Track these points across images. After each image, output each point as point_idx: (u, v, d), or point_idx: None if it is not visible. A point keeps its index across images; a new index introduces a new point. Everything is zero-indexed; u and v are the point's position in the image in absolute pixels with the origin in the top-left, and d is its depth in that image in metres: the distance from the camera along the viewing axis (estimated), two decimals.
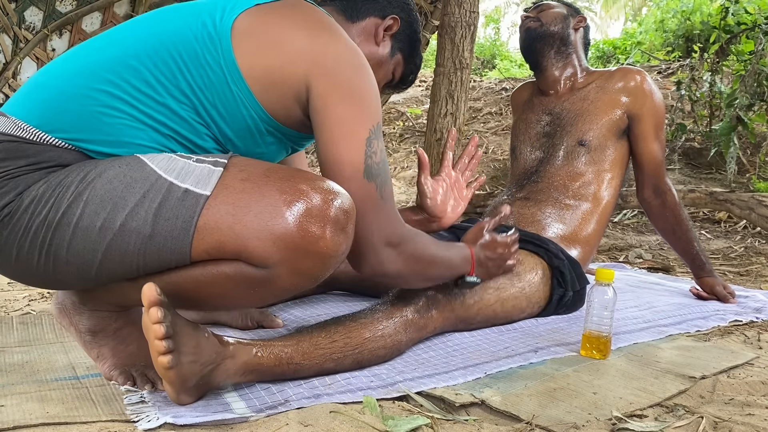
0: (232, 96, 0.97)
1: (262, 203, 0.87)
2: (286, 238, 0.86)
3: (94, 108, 0.92)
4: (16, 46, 2.61)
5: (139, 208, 0.87)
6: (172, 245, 0.88)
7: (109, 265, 0.90)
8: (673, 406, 1.02)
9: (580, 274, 1.54)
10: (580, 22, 1.87)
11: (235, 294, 0.93)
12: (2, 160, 0.90)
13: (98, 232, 0.88)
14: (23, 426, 0.84)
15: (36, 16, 2.64)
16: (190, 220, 0.87)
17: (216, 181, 0.89)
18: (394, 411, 0.94)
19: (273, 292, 0.94)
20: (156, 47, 0.94)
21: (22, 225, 0.89)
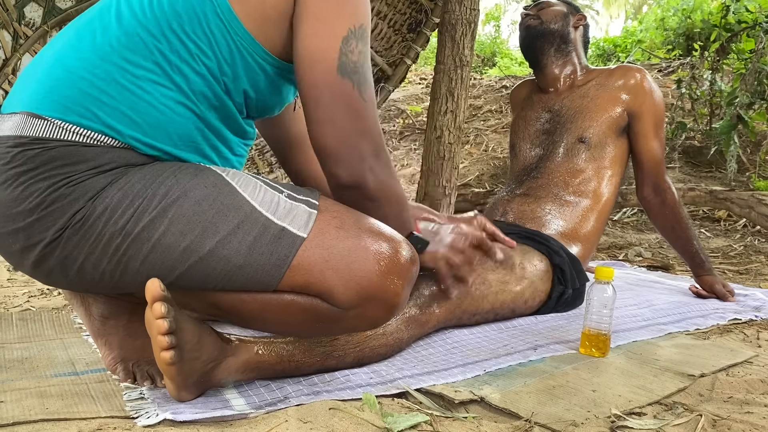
0: (234, 44, 0.95)
1: (354, 254, 0.90)
2: (371, 289, 0.90)
3: (124, 97, 0.89)
4: (15, 42, 2.60)
5: (232, 238, 0.88)
6: (260, 277, 0.89)
7: (184, 283, 0.90)
8: (672, 404, 1.03)
9: (579, 271, 1.55)
10: (580, 20, 1.87)
11: (297, 323, 0.95)
12: (63, 166, 0.87)
13: (182, 251, 0.87)
14: (22, 422, 0.84)
15: (36, 12, 2.64)
16: (285, 258, 0.88)
17: (312, 224, 0.91)
18: (394, 408, 0.94)
19: (332, 329, 0.98)
20: (158, 16, 0.92)
21: (95, 232, 0.87)
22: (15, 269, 0.96)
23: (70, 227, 0.87)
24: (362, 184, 0.96)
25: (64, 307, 1.51)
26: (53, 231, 0.87)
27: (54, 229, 0.87)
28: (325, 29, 0.93)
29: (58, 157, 0.87)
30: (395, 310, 0.95)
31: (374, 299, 0.91)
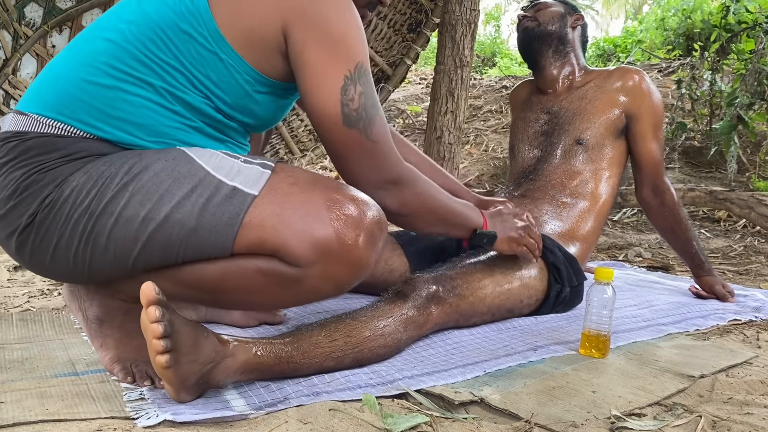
0: (222, 64, 0.99)
1: (307, 207, 0.92)
2: (325, 241, 0.91)
3: (102, 95, 0.95)
4: (16, 43, 2.60)
5: (185, 201, 0.91)
6: (215, 239, 0.91)
7: (148, 255, 0.93)
8: (671, 405, 1.03)
9: (577, 270, 1.54)
10: (578, 20, 1.87)
11: (261, 290, 0.95)
12: (38, 155, 0.93)
13: (141, 221, 0.91)
14: (23, 423, 0.84)
15: (36, 13, 2.64)
16: (237, 216, 0.91)
17: (264, 182, 0.94)
18: (394, 409, 0.94)
19: (298, 294, 0.96)
20: (141, 28, 0.96)
21: (63, 214, 0.92)
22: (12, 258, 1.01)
23: (41, 212, 0.93)
24: (385, 207, 1.03)
25: (64, 307, 1.51)
26: (26, 216, 0.93)
27: (27, 215, 0.93)
28: (323, 84, 0.98)
29: (33, 147, 0.94)
30: (358, 269, 0.94)
31: (332, 254, 0.91)
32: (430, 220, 1.16)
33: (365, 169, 1.03)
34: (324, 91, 0.98)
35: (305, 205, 0.92)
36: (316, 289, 0.95)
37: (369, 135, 1.01)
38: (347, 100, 0.99)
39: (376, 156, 1.03)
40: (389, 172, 1.05)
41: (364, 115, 1.01)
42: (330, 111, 0.98)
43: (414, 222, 1.15)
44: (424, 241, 1.65)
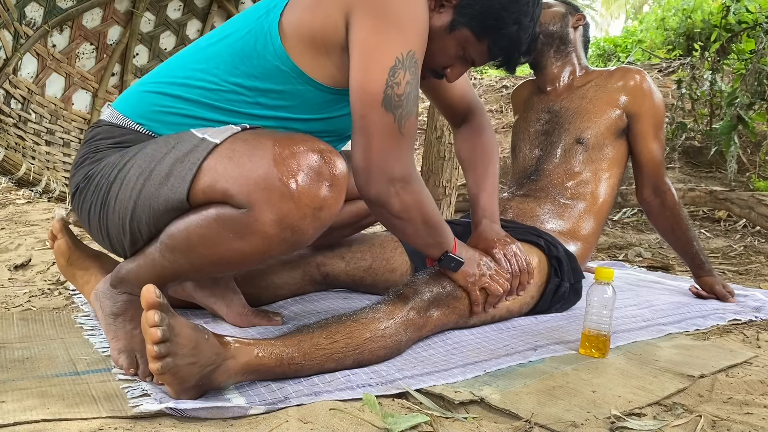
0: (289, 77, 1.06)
1: (256, 150, 0.94)
2: (266, 178, 0.92)
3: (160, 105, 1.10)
4: (16, 42, 2.60)
5: (167, 156, 1.00)
6: (178, 184, 0.96)
7: (139, 213, 1.00)
8: (671, 404, 1.03)
9: (575, 268, 1.55)
10: (579, 20, 1.87)
11: (220, 240, 0.96)
12: (99, 139, 1.11)
13: (135, 180, 1.01)
14: (24, 422, 0.84)
15: (37, 12, 2.64)
16: (197, 161, 0.96)
17: (229, 134, 0.99)
18: (394, 408, 0.95)
19: (257, 244, 0.95)
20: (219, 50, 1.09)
21: (94, 185, 1.07)
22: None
23: (82, 183, 1.10)
24: (386, 204, 1.06)
25: (65, 307, 1.51)
26: (73, 186, 1.13)
27: (74, 184, 1.12)
28: (373, 61, 0.99)
29: (99, 133, 1.13)
30: (304, 207, 0.92)
31: (274, 191, 0.91)
32: (419, 230, 1.14)
33: (385, 156, 1.02)
34: (372, 67, 0.98)
35: (254, 148, 0.94)
36: (270, 235, 0.94)
37: (401, 126, 1.02)
38: (393, 83, 0.99)
39: (401, 149, 1.03)
40: (404, 169, 1.04)
41: (405, 104, 1.01)
42: (374, 88, 0.98)
43: (405, 228, 1.13)
44: None
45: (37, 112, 2.80)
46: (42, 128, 2.81)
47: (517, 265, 1.34)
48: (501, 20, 1.12)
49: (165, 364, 0.87)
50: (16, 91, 2.65)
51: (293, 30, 1.04)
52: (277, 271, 1.53)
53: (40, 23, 2.69)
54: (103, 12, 2.88)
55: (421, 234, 1.16)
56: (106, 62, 2.96)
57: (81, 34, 2.84)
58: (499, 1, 1.11)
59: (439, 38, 1.12)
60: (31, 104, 2.76)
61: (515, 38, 1.14)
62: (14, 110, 2.69)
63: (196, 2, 3.05)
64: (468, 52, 1.16)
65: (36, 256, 2.01)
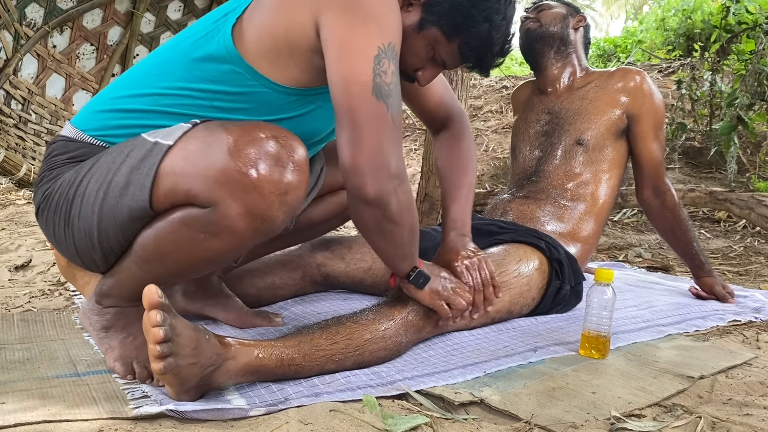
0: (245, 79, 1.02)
1: (211, 146, 0.93)
2: (226, 172, 0.90)
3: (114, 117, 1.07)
4: (17, 43, 2.60)
5: (122, 166, 0.98)
6: (138, 193, 0.95)
7: (103, 225, 0.99)
8: (671, 406, 1.03)
9: (576, 270, 1.55)
10: (580, 21, 1.87)
11: (192, 243, 0.95)
12: (56, 155, 1.08)
13: (95, 194, 0.99)
14: (24, 423, 0.84)
15: (37, 13, 2.64)
16: (153, 166, 0.94)
17: (180, 134, 0.97)
18: (394, 410, 0.95)
19: (229, 240, 0.94)
20: (175, 55, 1.06)
21: (54, 204, 1.05)
22: None
23: (42, 203, 1.08)
24: (386, 202, 0.99)
25: (66, 307, 1.51)
26: (35, 206, 1.11)
27: (36, 204, 1.10)
28: (356, 50, 0.94)
29: (56, 149, 1.10)
30: (269, 194, 0.91)
31: (236, 184, 0.90)
32: (404, 237, 1.07)
33: (381, 148, 0.95)
34: (356, 58, 0.94)
35: (208, 144, 0.93)
36: (241, 228, 0.93)
37: (393, 117, 0.97)
38: (380, 71, 0.95)
39: (396, 141, 0.97)
40: (400, 164, 0.98)
41: (393, 93, 0.97)
42: (361, 78, 0.93)
43: (394, 234, 1.05)
44: (425, 242, 1.65)
45: (37, 112, 2.80)
46: (42, 129, 2.81)
47: (480, 278, 1.24)
48: (471, 18, 1.08)
49: (167, 364, 0.87)
50: (16, 92, 2.66)
51: (254, 33, 1.00)
52: (278, 272, 1.53)
53: (41, 24, 2.69)
54: (104, 13, 2.88)
55: (404, 242, 1.08)
56: (106, 63, 2.96)
57: (81, 34, 2.84)
58: (461, 3, 1.07)
59: (408, 38, 1.08)
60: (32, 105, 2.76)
61: (487, 37, 1.10)
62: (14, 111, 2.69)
63: (196, 3, 3.06)
64: (438, 53, 1.12)
65: (36, 257, 2.01)
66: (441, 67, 1.15)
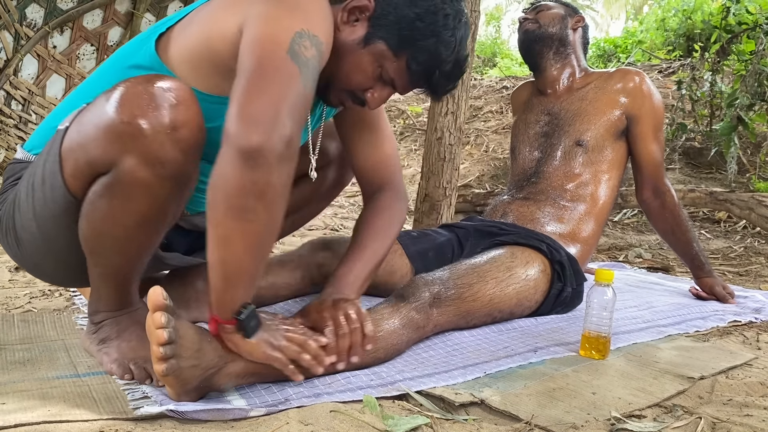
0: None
1: (95, 112, 0.92)
2: (112, 129, 0.89)
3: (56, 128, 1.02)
4: (17, 43, 2.61)
5: (38, 163, 0.99)
6: (54, 181, 0.96)
7: (45, 230, 1.00)
8: (671, 406, 1.03)
9: (577, 271, 1.55)
10: (579, 22, 1.87)
11: (118, 214, 0.94)
12: (6, 180, 1.09)
13: (26, 201, 1.00)
14: (25, 424, 0.84)
15: (37, 13, 2.64)
16: (56, 151, 0.95)
17: (75, 114, 0.97)
18: (394, 410, 0.95)
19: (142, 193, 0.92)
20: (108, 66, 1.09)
21: (4, 226, 1.06)
22: None
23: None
24: (268, 163, 0.83)
25: (66, 308, 1.51)
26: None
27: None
28: (277, 24, 0.90)
29: (7, 172, 1.10)
30: (159, 134, 0.87)
31: (125, 135, 0.88)
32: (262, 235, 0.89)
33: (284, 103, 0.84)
34: (276, 28, 0.89)
35: (92, 112, 0.93)
36: (145, 178, 0.90)
37: (304, 84, 0.88)
38: (300, 42, 0.89)
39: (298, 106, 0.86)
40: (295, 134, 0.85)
41: (309, 67, 0.89)
42: (278, 39, 0.88)
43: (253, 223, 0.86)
44: (425, 243, 1.65)
45: (37, 113, 2.80)
46: None
47: (347, 325, 1.06)
48: (416, 30, 1.03)
49: (170, 365, 0.87)
50: (16, 92, 2.66)
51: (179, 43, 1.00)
52: (278, 272, 1.53)
53: (41, 24, 2.69)
54: (104, 13, 2.88)
55: (258, 245, 0.89)
56: None
57: (81, 35, 2.84)
58: (413, 11, 1.03)
59: (353, 54, 1.05)
60: (32, 105, 2.76)
61: (434, 52, 1.05)
62: (15, 111, 2.69)
63: None
64: (386, 71, 1.07)
65: None
66: (390, 87, 1.10)
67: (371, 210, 1.29)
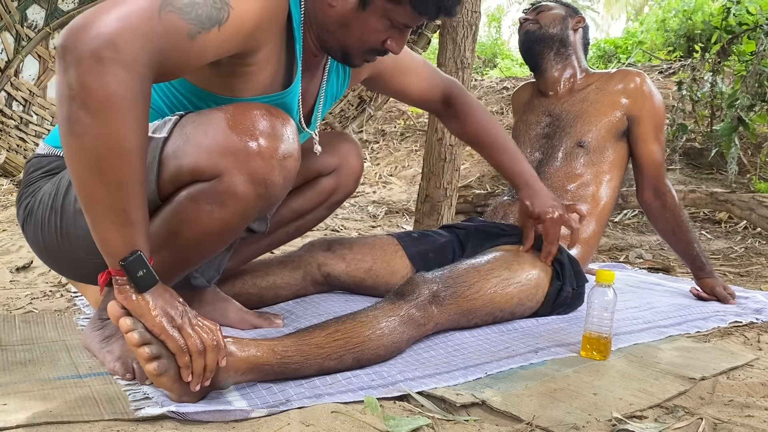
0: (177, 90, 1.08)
1: (209, 125, 0.96)
2: (228, 143, 0.94)
3: None
4: (18, 44, 2.61)
5: None
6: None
7: None
8: (672, 407, 1.03)
9: (578, 271, 1.55)
10: (579, 22, 1.87)
11: (201, 217, 0.98)
12: (32, 172, 1.13)
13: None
14: (26, 425, 0.84)
15: (38, 14, 2.64)
16: (154, 159, 0.97)
17: (171, 125, 1.00)
18: (395, 411, 0.95)
19: (236, 205, 0.98)
20: None
21: (39, 219, 1.07)
22: None
23: (25, 219, 1.11)
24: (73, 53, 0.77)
25: (67, 309, 1.51)
26: (19, 222, 1.14)
27: (19, 221, 1.14)
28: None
29: (31, 166, 1.14)
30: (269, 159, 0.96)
31: (238, 152, 0.94)
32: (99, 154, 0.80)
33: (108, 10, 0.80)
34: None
35: (206, 125, 0.97)
36: (246, 194, 0.97)
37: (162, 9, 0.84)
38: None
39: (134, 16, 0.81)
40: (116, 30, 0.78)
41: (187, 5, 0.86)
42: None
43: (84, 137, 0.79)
44: (426, 244, 1.65)
45: (38, 114, 2.80)
46: (44, 130, 2.81)
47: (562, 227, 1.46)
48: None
49: (159, 364, 0.87)
50: (17, 93, 2.66)
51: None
52: (279, 272, 1.53)
53: (42, 25, 2.69)
54: None
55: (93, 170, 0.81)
56: None
57: None
58: None
59: (356, 20, 1.06)
60: (33, 106, 2.76)
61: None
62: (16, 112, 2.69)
63: None
64: (395, 19, 1.07)
65: (37, 259, 2.01)
66: (405, 30, 1.11)
67: (459, 116, 1.51)
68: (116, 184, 0.82)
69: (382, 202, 4.11)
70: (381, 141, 5.70)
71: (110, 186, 0.82)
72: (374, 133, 5.84)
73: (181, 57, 0.88)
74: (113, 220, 0.84)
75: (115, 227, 0.85)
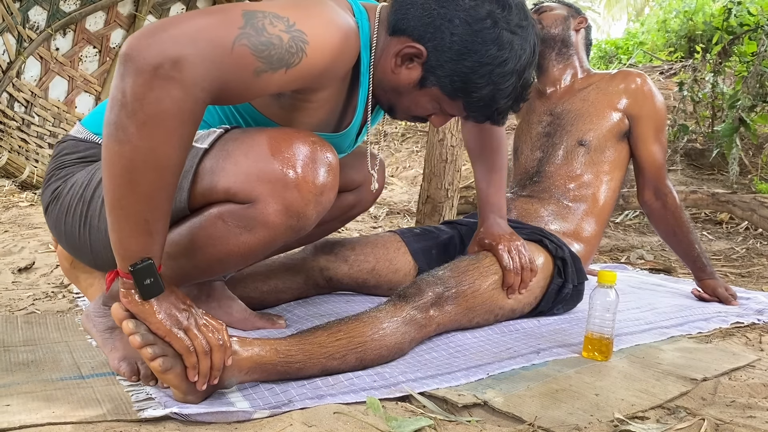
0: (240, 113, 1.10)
1: (251, 147, 0.95)
2: (267, 171, 0.94)
3: None
4: (20, 45, 2.61)
5: None
6: (177, 194, 0.96)
7: None
8: (674, 408, 1.03)
9: (579, 269, 1.55)
10: (581, 23, 1.88)
11: (226, 237, 0.97)
12: (65, 155, 1.11)
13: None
14: (29, 425, 0.84)
15: (40, 16, 2.65)
16: (191, 168, 0.96)
17: (214, 138, 0.99)
18: (397, 412, 0.95)
19: (265, 233, 0.97)
20: None
21: (65, 204, 1.07)
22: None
23: (51, 202, 1.10)
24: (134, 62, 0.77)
25: (69, 310, 1.51)
26: (44, 204, 1.13)
27: (44, 202, 1.12)
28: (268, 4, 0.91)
29: (65, 148, 1.12)
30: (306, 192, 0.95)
31: (277, 181, 0.94)
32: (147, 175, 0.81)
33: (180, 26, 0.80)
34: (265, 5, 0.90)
35: (249, 145, 0.96)
36: (277, 224, 0.96)
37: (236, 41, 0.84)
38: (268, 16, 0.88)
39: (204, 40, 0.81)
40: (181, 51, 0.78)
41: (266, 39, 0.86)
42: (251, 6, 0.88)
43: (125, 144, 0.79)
44: (428, 240, 1.65)
45: (40, 115, 2.81)
46: (45, 131, 2.82)
47: (520, 262, 1.36)
48: (471, 83, 1.05)
49: (164, 362, 0.88)
50: (19, 95, 2.66)
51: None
52: (281, 276, 1.53)
53: (44, 27, 2.70)
54: (106, 15, 2.89)
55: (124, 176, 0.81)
56: (109, 65, 2.97)
57: (84, 37, 2.85)
58: (467, 65, 1.03)
59: (410, 94, 1.09)
60: (35, 107, 2.77)
61: (489, 99, 1.07)
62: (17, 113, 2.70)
63: (198, 5, 3.06)
64: (444, 107, 1.11)
65: (39, 259, 2.01)
66: (450, 116, 1.15)
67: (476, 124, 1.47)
68: (145, 195, 0.82)
69: (383, 202, 4.11)
70: (382, 142, 5.71)
71: (139, 196, 0.82)
72: (375, 134, 5.84)
73: (242, 89, 0.88)
74: (134, 227, 0.84)
75: (134, 234, 0.85)
